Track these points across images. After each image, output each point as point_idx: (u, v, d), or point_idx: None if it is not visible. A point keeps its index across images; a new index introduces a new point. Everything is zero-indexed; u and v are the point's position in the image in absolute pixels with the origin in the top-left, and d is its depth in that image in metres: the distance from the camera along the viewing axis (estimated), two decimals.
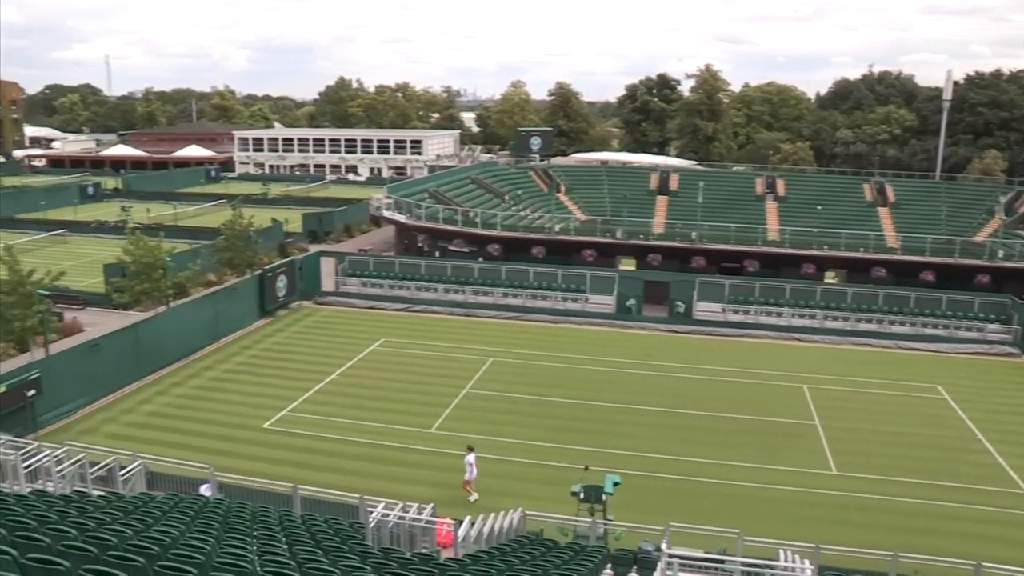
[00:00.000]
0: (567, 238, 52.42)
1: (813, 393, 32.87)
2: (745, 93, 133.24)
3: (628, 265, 51.32)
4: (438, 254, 51.58)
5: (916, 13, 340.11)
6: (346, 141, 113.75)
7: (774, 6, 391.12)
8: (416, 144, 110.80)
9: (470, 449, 23.55)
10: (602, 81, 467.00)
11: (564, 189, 67.76)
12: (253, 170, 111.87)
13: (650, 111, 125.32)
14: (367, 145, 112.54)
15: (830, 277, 50.15)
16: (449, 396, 31.37)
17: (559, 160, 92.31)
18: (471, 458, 23.23)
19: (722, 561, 16.68)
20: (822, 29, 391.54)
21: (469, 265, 46.71)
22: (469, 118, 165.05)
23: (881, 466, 26.11)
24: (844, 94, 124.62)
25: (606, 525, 19.27)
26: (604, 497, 19.53)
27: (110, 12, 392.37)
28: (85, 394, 29.31)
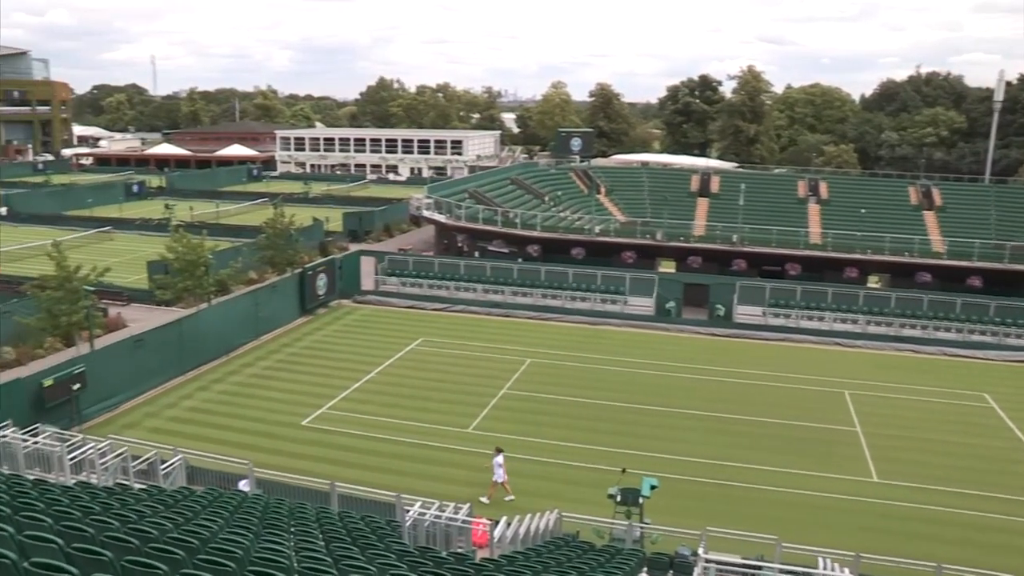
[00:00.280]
0: (607, 239, 52.20)
1: (855, 399, 32.32)
2: (788, 95, 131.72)
3: (668, 267, 51.06)
4: (477, 254, 51.67)
5: (967, 12, 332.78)
6: (387, 141, 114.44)
7: (819, 6, 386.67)
8: (456, 144, 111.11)
9: (499, 451, 23.47)
10: (643, 82, 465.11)
11: (604, 190, 67.46)
12: (295, 169, 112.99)
13: (691, 112, 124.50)
14: (407, 145, 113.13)
15: (873, 281, 49.40)
16: (487, 396, 31.38)
17: (599, 161, 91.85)
18: (499, 459, 23.12)
19: (760, 567, 16.49)
20: (868, 29, 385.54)
21: (508, 266, 46.74)
22: (509, 119, 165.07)
23: (924, 475, 25.57)
24: (890, 96, 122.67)
25: (643, 528, 19.15)
26: (640, 500, 19.40)
27: (157, 14, 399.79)
28: (128, 388, 29.77)
